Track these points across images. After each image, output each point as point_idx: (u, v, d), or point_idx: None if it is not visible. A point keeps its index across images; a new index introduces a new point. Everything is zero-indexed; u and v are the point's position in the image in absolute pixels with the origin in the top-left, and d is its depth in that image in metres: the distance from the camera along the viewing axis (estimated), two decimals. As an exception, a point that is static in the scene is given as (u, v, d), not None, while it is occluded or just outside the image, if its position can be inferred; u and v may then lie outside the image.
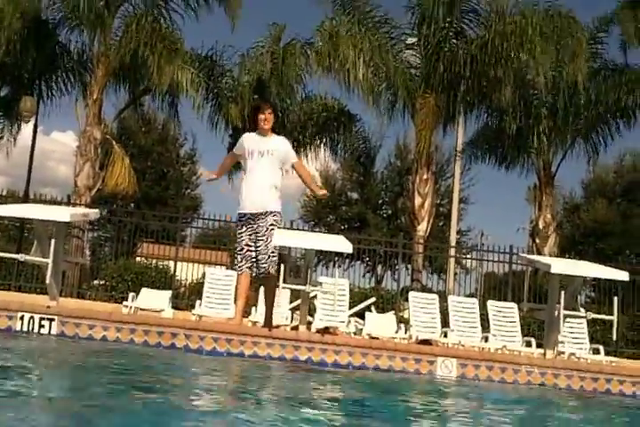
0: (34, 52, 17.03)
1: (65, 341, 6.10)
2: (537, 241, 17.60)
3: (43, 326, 6.32)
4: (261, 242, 6.95)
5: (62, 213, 6.57)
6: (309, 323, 9.76)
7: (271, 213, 6.99)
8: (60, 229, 6.84)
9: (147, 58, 15.67)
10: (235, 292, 7.40)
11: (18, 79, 17.77)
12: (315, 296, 10.11)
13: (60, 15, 17.12)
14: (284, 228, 13.86)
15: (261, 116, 7.16)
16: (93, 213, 7.78)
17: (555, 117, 17.67)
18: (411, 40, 17.57)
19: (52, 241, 6.49)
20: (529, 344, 9.27)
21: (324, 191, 7.44)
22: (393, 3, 17.96)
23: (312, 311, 10.16)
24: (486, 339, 9.35)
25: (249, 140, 7.23)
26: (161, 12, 16.77)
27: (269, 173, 7.03)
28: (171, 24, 16.83)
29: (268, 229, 6.96)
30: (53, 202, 15.02)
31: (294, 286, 7.38)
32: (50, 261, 6.46)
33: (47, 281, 6.72)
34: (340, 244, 7.20)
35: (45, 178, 44.52)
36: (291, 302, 10.47)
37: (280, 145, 7.19)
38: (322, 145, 19.10)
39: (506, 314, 10.00)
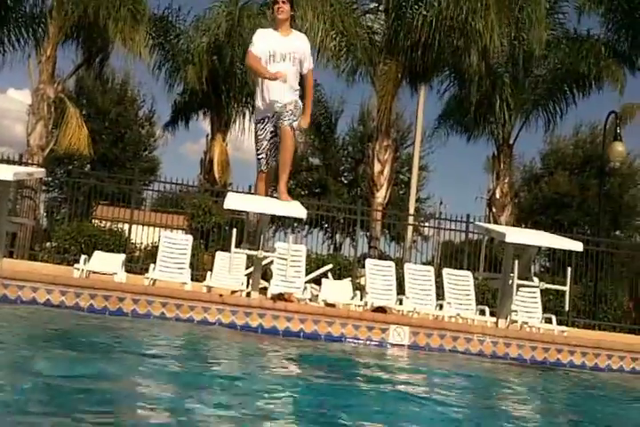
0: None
1: (4, 304, 5.89)
2: (494, 210, 17.69)
3: (-16, 289, 6.10)
4: (284, 115, 6.66)
5: (5, 172, 6.30)
6: (265, 289, 9.67)
7: (291, 102, 6.68)
8: (4, 187, 6.58)
9: (106, 20, 15.20)
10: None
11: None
12: (271, 262, 10.01)
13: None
14: (242, 192, 13.77)
15: (275, 6, 6.79)
16: (39, 171, 7.53)
17: (514, 86, 17.69)
18: (372, 5, 17.32)
19: (-5, 200, 6.25)
20: (482, 313, 9.31)
21: (308, 121, 7.15)
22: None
23: (270, 277, 10.07)
24: (441, 306, 9.36)
25: (267, 38, 6.77)
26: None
27: (291, 79, 6.72)
28: None
29: (290, 112, 6.65)
30: (5, 161, 14.56)
31: (246, 251, 7.25)
32: (-9, 221, 6.21)
33: (-10, 242, 6.48)
34: (295, 209, 7.06)
35: (1, 137, 43.28)
36: (247, 268, 10.34)
37: (301, 44, 6.87)
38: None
39: (461, 282, 10.02)
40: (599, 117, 27.02)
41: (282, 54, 6.64)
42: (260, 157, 6.90)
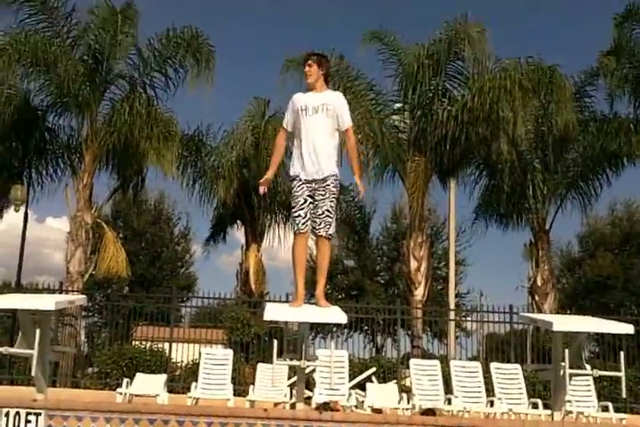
0: (23, 139, 17.21)
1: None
2: (536, 298, 17.39)
3: (29, 422, 6.07)
4: (322, 202, 6.19)
5: (46, 302, 6.41)
6: (309, 398, 9.48)
7: (331, 176, 6.18)
8: (46, 318, 6.66)
9: (139, 143, 15.87)
10: (293, 263, 6.31)
11: (7, 167, 17.84)
12: (313, 370, 9.87)
13: (48, 100, 17.33)
14: (279, 301, 13.78)
15: (305, 72, 6.38)
16: (80, 299, 7.63)
17: (546, 171, 17.78)
18: (397, 105, 17.81)
19: (37, 331, 6.31)
20: (535, 406, 8.99)
21: (362, 187, 6.64)
22: (377, 69, 18.08)
23: (313, 386, 9.90)
24: (492, 403, 9.07)
25: (299, 97, 6.36)
26: (146, 91, 16.98)
27: (326, 134, 6.22)
28: (162, 105, 17.02)
29: (328, 192, 6.18)
30: (46, 290, 14.83)
31: (289, 362, 7.17)
32: (34, 352, 6.26)
33: (33, 373, 6.51)
34: (335, 314, 7.01)
35: (41, 266, 44.37)
36: (289, 378, 10.21)
37: (336, 98, 6.34)
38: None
39: (510, 376, 9.75)
40: (634, 193, 27.05)
41: (314, 107, 6.20)
42: (296, 214, 6.25)
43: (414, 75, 16.82)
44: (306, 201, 6.21)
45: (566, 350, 7.28)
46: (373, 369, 11.89)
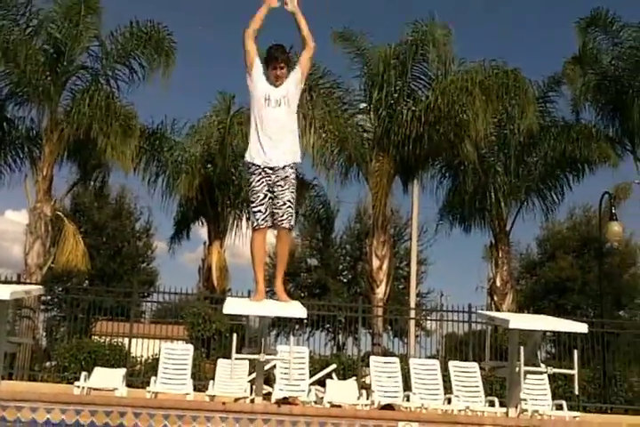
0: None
1: None
2: (495, 299, 17.61)
3: (-18, 413, 5.99)
4: (282, 193, 6.13)
5: (1, 291, 6.33)
6: (269, 394, 9.49)
7: (291, 165, 6.19)
8: (1, 307, 6.58)
9: (97, 137, 15.68)
10: (252, 258, 6.27)
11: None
12: (274, 367, 9.88)
13: (7, 90, 16.97)
14: (241, 296, 13.75)
15: (273, 73, 6.20)
16: (37, 289, 7.55)
17: (507, 174, 17.99)
18: (362, 105, 17.88)
19: (-8, 321, 6.24)
20: (492, 404, 9.12)
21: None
22: (343, 68, 18.07)
23: (273, 382, 9.91)
24: (449, 400, 9.18)
25: (264, 83, 6.25)
26: (109, 83, 16.81)
27: (286, 122, 6.21)
28: (124, 98, 16.84)
29: (288, 183, 6.14)
30: (3, 282, 14.58)
31: (247, 356, 7.16)
32: (-12, 342, 6.18)
33: (-13, 364, 6.42)
34: (295, 309, 7.02)
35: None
36: (250, 374, 10.21)
37: (290, 85, 6.25)
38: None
39: (467, 374, 9.88)
40: (591, 198, 27.48)
41: (277, 100, 6.18)
42: (255, 209, 6.18)
43: (380, 75, 16.92)
44: (265, 196, 6.15)
45: (522, 348, 7.41)
46: (334, 366, 11.94)
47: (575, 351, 8.15)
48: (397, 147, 16.64)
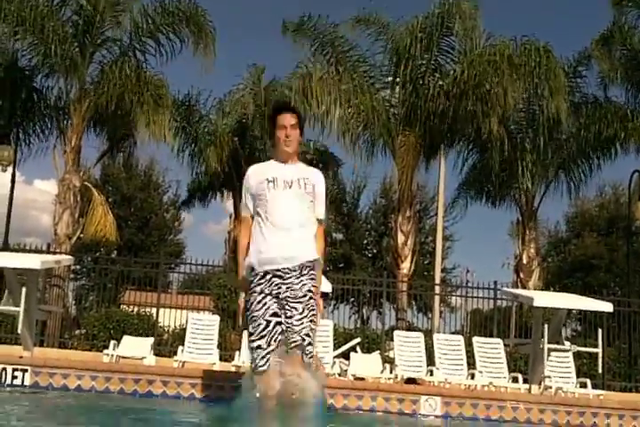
0: (9, 99, 16.99)
1: (38, 391, 5.94)
2: (521, 276, 17.53)
3: (15, 378, 6.16)
4: (296, 312, 4.40)
5: (33, 261, 6.47)
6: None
7: (307, 266, 4.55)
8: (32, 276, 6.73)
9: (131, 107, 15.70)
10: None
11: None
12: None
13: (35, 61, 16.96)
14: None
15: (280, 134, 4.59)
16: (67, 259, 7.69)
17: (537, 152, 17.77)
18: (388, 79, 17.74)
19: (23, 289, 6.37)
20: (515, 380, 9.16)
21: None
22: (370, 41, 17.89)
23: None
24: (472, 376, 9.23)
25: (261, 169, 4.70)
26: (136, 57, 16.78)
27: (298, 210, 4.55)
28: (152, 69, 16.82)
29: (305, 294, 4.46)
30: (34, 251, 14.85)
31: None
32: (20, 309, 6.32)
33: (19, 331, 6.58)
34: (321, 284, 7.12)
35: (28, 228, 44.21)
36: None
37: (315, 176, 4.71)
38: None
39: (491, 350, 9.90)
40: (621, 177, 27.17)
41: (285, 181, 4.54)
42: (254, 344, 4.36)
43: (407, 48, 16.75)
44: (269, 323, 4.33)
45: (546, 326, 7.44)
46: (358, 340, 12.00)
47: (600, 330, 8.19)
48: (424, 122, 16.49)
